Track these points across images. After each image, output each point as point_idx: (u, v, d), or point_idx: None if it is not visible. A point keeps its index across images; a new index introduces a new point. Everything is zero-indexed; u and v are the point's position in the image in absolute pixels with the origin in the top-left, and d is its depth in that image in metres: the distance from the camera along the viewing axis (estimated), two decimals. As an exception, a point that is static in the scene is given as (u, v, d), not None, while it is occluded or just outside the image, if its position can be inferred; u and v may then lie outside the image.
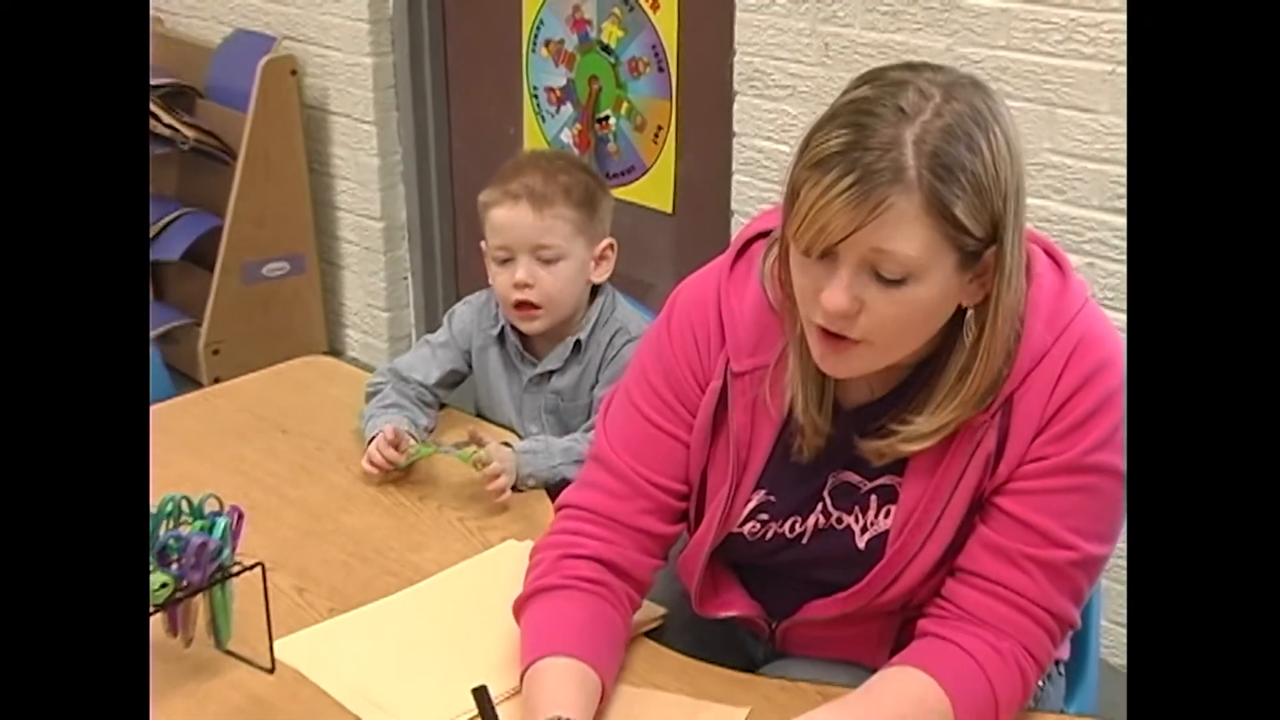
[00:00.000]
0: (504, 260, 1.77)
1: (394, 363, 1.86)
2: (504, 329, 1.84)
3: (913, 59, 2.27)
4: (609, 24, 2.94)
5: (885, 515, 1.25)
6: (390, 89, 3.37)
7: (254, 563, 1.29)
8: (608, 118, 3.00)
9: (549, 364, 1.82)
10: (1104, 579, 1.36)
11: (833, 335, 1.15)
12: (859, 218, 1.07)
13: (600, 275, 1.82)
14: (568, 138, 3.09)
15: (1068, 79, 2.17)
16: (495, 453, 1.65)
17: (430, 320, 3.49)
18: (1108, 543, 1.22)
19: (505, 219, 1.76)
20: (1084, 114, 2.17)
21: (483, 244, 1.80)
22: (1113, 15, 2.09)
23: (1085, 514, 1.19)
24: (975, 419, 1.19)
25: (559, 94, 3.10)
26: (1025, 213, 1.14)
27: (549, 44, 3.08)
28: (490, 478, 1.62)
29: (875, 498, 1.26)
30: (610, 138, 3.01)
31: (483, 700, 1.09)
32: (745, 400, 1.27)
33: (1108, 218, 2.18)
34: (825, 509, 1.28)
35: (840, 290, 1.11)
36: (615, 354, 1.80)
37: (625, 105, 2.96)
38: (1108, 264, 2.19)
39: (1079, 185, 2.20)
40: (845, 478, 1.27)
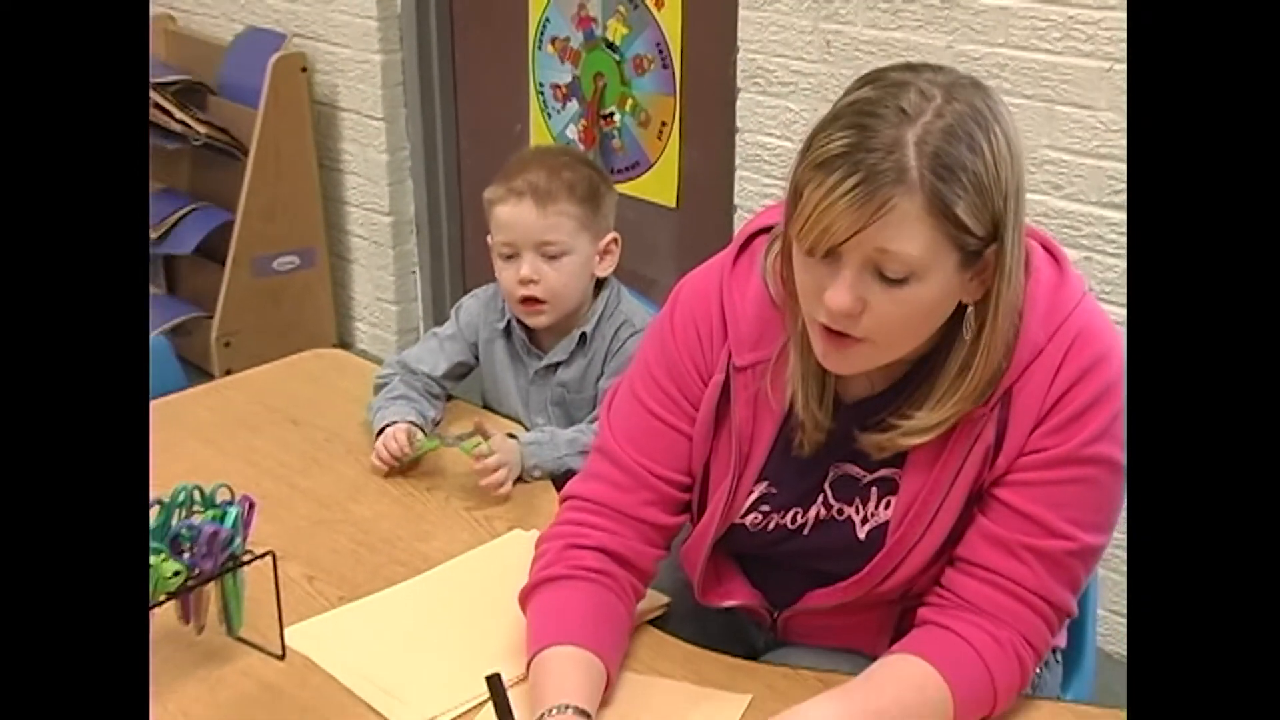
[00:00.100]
0: (509, 256, 1.77)
1: (402, 355, 1.86)
2: (510, 322, 1.84)
3: (913, 58, 2.27)
4: (614, 22, 2.93)
5: (885, 506, 1.25)
6: (399, 86, 3.36)
7: (265, 551, 1.29)
8: (613, 114, 3.00)
9: (555, 356, 1.82)
10: (1101, 568, 1.37)
11: (835, 333, 1.14)
12: (862, 219, 1.07)
13: (604, 269, 1.82)
14: (573, 134, 3.08)
15: (1066, 76, 2.16)
16: (499, 446, 1.65)
17: (438, 313, 3.49)
18: (1105, 533, 1.22)
19: (509, 216, 1.75)
20: (1082, 110, 2.16)
21: (489, 239, 1.80)
22: (1111, 13, 2.09)
23: (1083, 505, 1.19)
24: (974, 412, 1.18)
25: (565, 90, 3.09)
26: (1025, 210, 1.14)
27: (555, 41, 3.08)
28: (486, 471, 1.62)
29: (875, 489, 1.26)
30: (615, 133, 3.01)
31: (496, 688, 1.08)
32: (747, 394, 1.26)
33: (1105, 213, 2.18)
34: (826, 500, 1.28)
35: (844, 290, 1.11)
36: (620, 346, 1.80)
37: (630, 101, 2.96)
38: (1105, 258, 2.19)
39: (1077, 181, 2.20)
40: (846, 470, 1.27)
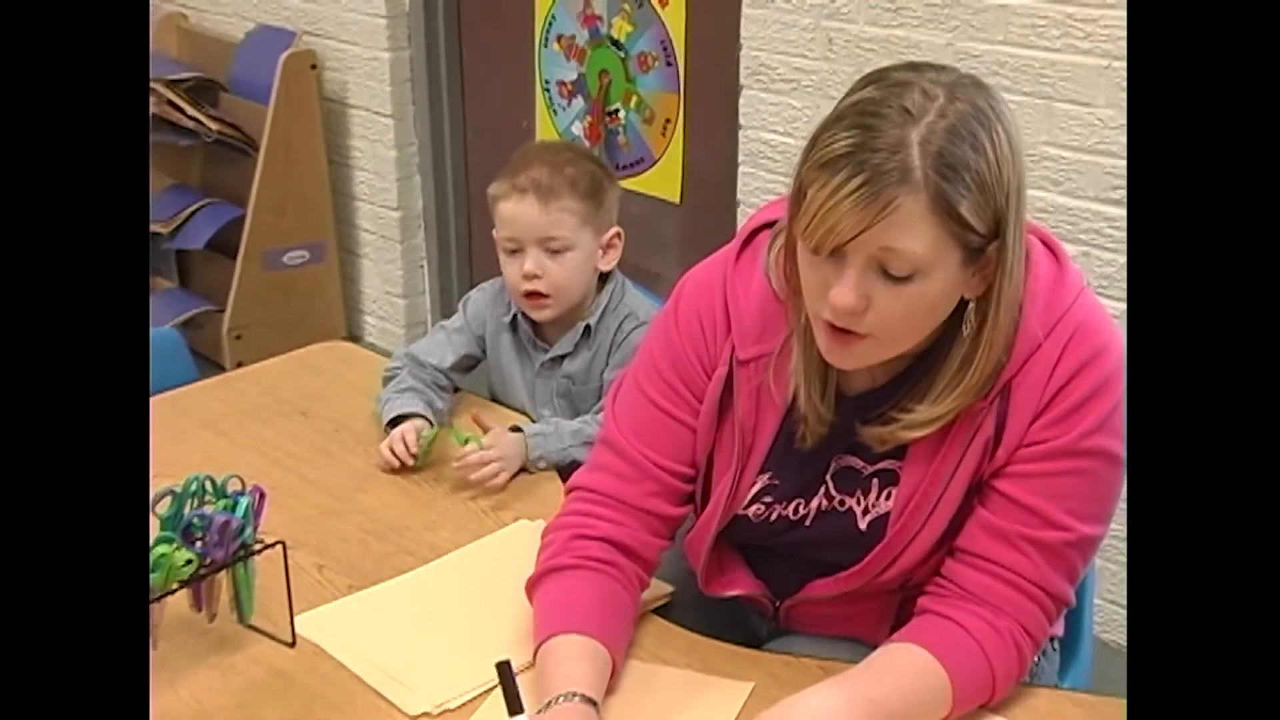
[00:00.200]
0: (513, 251, 1.77)
1: (410, 348, 1.86)
2: (516, 316, 1.84)
3: (914, 55, 2.27)
4: (619, 20, 2.93)
5: (886, 498, 1.25)
6: (407, 83, 3.36)
7: (275, 541, 1.29)
8: (617, 111, 3.00)
9: (559, 349, 1.81)
10: (1098, 559, 1.36)
11: (839, 329, 1.14)
12: (867, 218, 1.06)
13: (608, 263, 1.81)
14: (579, 130, 3.08)
15: (1065, 73, 2.16)
16: (497, 439, 1.65)
17: (446, 307, 3.49)
18: (1102, 524, 1.21)
19: (513, 212, 1.75)
20: (1080, 107, 2.15)
21: (494, 233, 1.80)
22: (1109, 11, 2.08)
23: (1081, 496, 1.19)
24: (974, 405, 1.18)
25: (570, 88, 3.09)
26: (1026, 207, 1.14)
27: (561, 39, 3.07)
28: (468, 467, 1.61)
29: (876, 481, 1.25)
30: (620, 130, 3.00)
31: (505, 674, 1.08)
32: (750, 387, 1.26)
33: (1103, 208, 2.17)
34: (828, 492, 1.28)
35: (849, 288, 1.10)
36: (624, 339, 1.79)
37: (634, 98, 2.95)
38: (1102, 253, 2.18)
39: (1075, 177, 2.19)
40: (847, 462, 1.26)
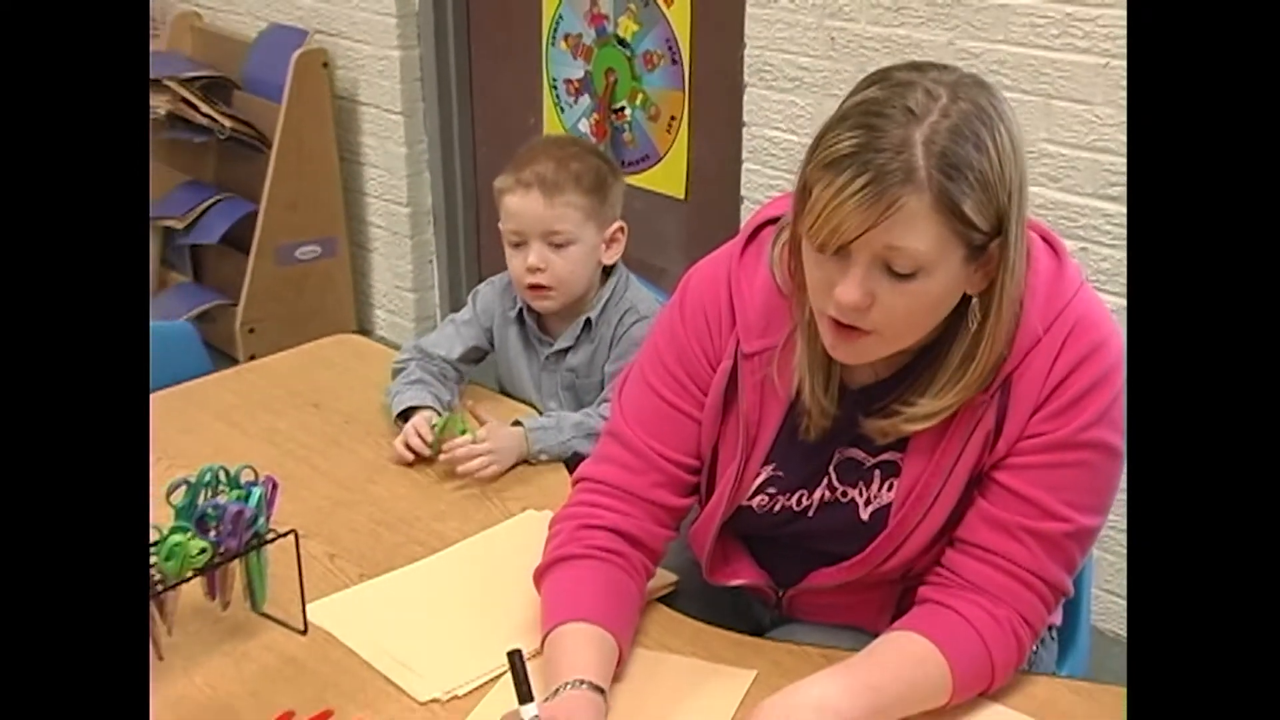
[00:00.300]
0: (517, 244, 1.77)
1: (419, 341, 1.86)
2: (522, 310, 1.84)
3: (915, 54, 2.26)
4: (625, 19, 2.92)
5: (888, 489, 1.25)
6: (417, 81, 3.36)
7: (287, 530, 1.29)
8: (623, 108, 2.99)
9: (563, 342, 1.81)
10: (1095, 549, 1.36)
11: (844, 325, 1.14)
12: (872, 217, 1.06)
13: (611, 257, 1.81)
14: (585, 127, 3.07)
15: (1063, 72, 2.15)
16: (493, 432, 1.65)
17: (454, 301, 3.49)
18: (1100, 515, 1.21)
19: (517, 206, 1.75)
20: (1079, 105, 2.15)
21: (500, 225, 1.80)
22: (1107, 10, 2.07)
23: (1079, 488, 1.18)
24: (975, 398, 1.18)
25: (577, 85, 3.08)
26: (1028, 204, 1.13)
27: (568, 38, 3.07)
28: (454, 460, 1.61)
29: (878, 472, 1.25)
30: (626, 127, 3.00)
31: (516, 663, 1.08)
32: (754, 380, 1.26)
33: (1101, 204, 2.17)
34: (830, 483, 1.27)
35: (854, 286, 1.10)
36: (625, 332, 1.79)
37: (640, 96, 2.95)
38: (1100, 248, 2.18)
39: (1073, 173, 2.18)
40: (850, 454, 1.26)
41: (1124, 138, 2.10)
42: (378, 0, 3.29)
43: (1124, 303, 2.07)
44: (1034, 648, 1.25)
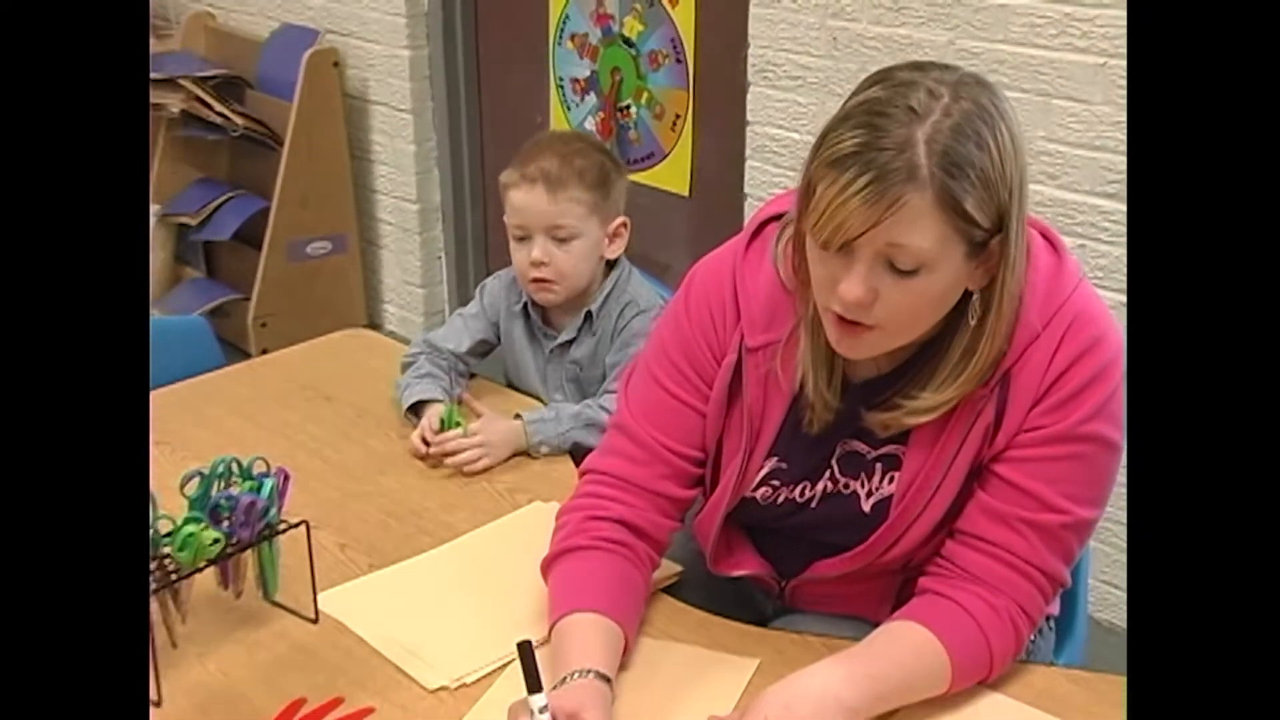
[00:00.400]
0: (521, 238, 1.76)
1: (428, 335, 1.86)
2: (527, 304, 1.83)
3: (916, 53, 2.25)
4: (630, 19, 2.92)
5: (889, 481, 1.25)
6: (426, 79, 3.35)
7: (299, 521, 1.30)
8: (629, 107, 2.99)
9: (565, 335, 1.81)
10: (1093, 540, 1.36)
11: (848, 321, 1.14)
12: (875, 215, 1.06)
13: (614, 252, 1.80)
14: (591, 126, 3.07)
15: (1062, 71, 2.14)
16: (486, 425, 1.65)
17: (463, 296, 3.49)
18: (1098, 507, 1.21)
19: (522, 201, 1.74)
20: (1077, 104, 2.14)
21: (505, 219, 1.79)
22: (1106, 10, 2.07)
23: (1077, 480, 1.18)
24: (976, 392, 1.18)
25: (583, 84, 3.08)
26: (1028, 202, 1.13)
27: (574, 38, 3.06)
28: (444, 452, 1.61)
29: (880, 465, 1.25)
30: (631, 125, 2.99)
31: (526, 654, 1.08)
32: (758, 374, 1.26)
33: (1099, 202, 2.16)
34: (833, 475, 1.27)
35: (857, 282, 1.10)
36: (625, 325, 1.78)
37: (645, 95, 2.94)
38: (1099, 245, 2.17)
39: (1072, 171, 2.18)
40: (852, 446, 1.26)
41: (1122, 136, 2.09)
42: (388, 1, 3.29)
43: (1122, 298, 2.07)
44: (1032, 637, 1.25)
